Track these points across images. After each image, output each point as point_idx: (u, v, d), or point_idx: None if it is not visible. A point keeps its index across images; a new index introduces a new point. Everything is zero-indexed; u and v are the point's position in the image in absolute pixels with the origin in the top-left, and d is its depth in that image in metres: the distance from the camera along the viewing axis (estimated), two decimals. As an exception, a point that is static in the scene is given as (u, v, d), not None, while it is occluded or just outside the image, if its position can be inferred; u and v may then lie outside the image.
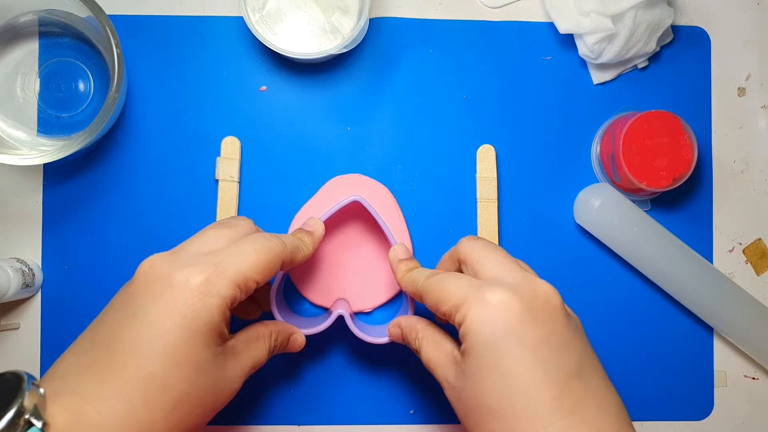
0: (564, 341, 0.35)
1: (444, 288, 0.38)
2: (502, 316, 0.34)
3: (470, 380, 0.35)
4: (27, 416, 0.30)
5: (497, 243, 0.51)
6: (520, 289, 0.36)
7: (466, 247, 0.41)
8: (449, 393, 0.37)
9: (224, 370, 0.37)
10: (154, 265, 0.36)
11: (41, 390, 0.32)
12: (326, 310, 0.50)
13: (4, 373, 0.33)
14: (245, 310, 0.46)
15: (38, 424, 0.30)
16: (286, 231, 0.50)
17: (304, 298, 0.51)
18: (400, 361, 0.51)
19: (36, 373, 0.50)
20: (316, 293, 0.50)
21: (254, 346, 0.40)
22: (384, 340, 0.45)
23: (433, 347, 0.39)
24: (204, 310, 0.35)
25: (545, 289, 0.36)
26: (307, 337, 0.45)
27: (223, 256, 0.37)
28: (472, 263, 0.39)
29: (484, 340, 0.34)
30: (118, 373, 0.33)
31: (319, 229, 0.46)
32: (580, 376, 0.34)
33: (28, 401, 0.31)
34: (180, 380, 0.34)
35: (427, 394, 0.51)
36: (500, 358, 0.34)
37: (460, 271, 0.42)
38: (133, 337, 0.34)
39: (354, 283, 0.50)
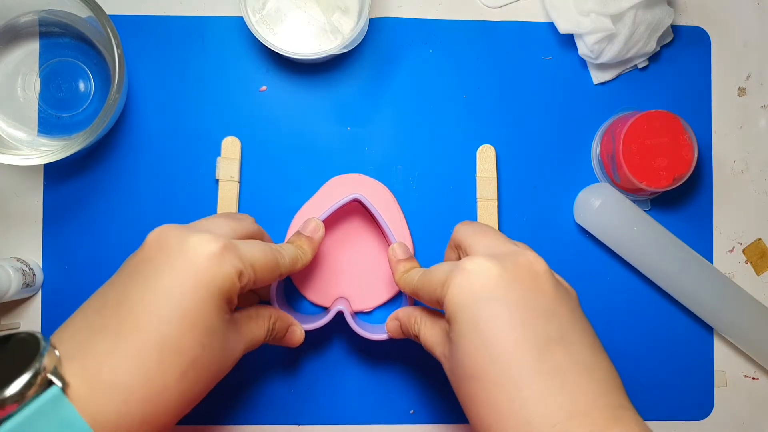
0: (547, 307, 0.34)
1: (432, 278, 0.38)
2: (479, 280, 0.35)
3: (455, 347, 0.35)
4: (47, 375, 0.30)
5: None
6: (503, 258, 0.36)
7: (459, 232, 0.42)
8: (446, 369, 0.37)
9: (229, 340, 0.37)
10: (165, 231, 0.36)
11: (57, 352, 0.32)
12: (326, 310, 0.50)
13: (18, 333, 0.32)
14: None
15: (59, 383, 0.30)
16: (285, 231, 0.50)
17: (304, 298, 0.51)
18: (400, 361, 0.51)
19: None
20: (316, 293, 0.50)
21: (254, 323, 0.41)
22: (383, 336, 0.45)
23: (430, 328, 0.40)
24: (219, 276, 0.35)
25: (528, 256, 0.36)
26: (307, 334, 0.45)
27: (236, 243, 0.38)
28: (465, 247, 0.40)
29: (461, 302, 0.35)
30: (132, 335, 0.33)
31: (319, 232, 0.46)
32: (563, 341, 0.33)
33: (47, 361, 0.30)
34: (193, 343, 0.34)
35: (427, 394, 0.51)
36: (477, 318, 0.34)
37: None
38: (146, 299, 0.34)
39: (354, 282, 0.50)
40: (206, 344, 0.35)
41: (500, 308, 0.34)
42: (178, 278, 0.34)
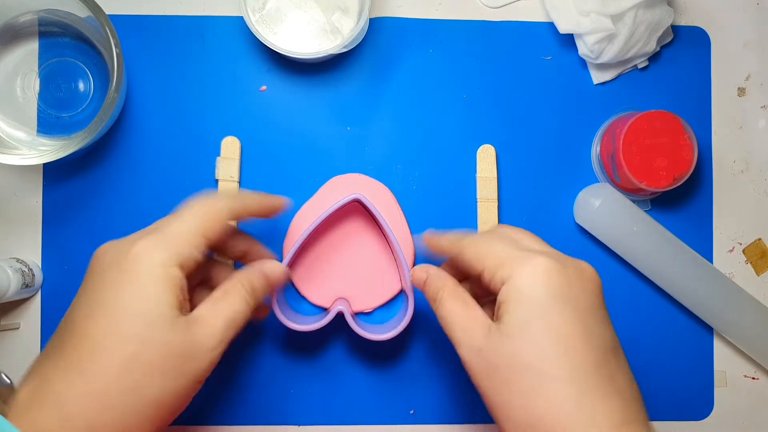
0: (604, 318, 0.35)
1: (486, 245, 0.37)
2: (551, 279, 0.34)
3: (509, 338, 0.34)
4: None
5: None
6: (566, 263, 0.36)
7: (480, 243, 0.39)
8: (470, 354, 0.36)
9: (186, 333, 0.35)
10: (105, 245, 0.38)
11: (3, 377, 0.35)
12: (326, 311, 0.50)
13: None
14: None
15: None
16: (285, 231, 0.50)
17: (304, 299, 0.51)
18: (401, 361, 0.51)
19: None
20: (316, 293, 0.50)
21: (222, 304, 0.38)
22: (383, 336, 0.45)
23: (461, 306, 0.37)
24: (146, 267, 0.35)
25: (590, 267, 0.37)
26: (307, 335, 0.45)
27: (160, 222, 0.38)
28: (507, 247, 0.37)
29: (531, 296, 0.34)
30: (69, 345, 0.34)
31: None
32: (615, 351, 0.35)
33: None
34: (126, 338, 0.33)
35: (427, 394, 0.51)
36: (547, 316, 0.34)
37: (462, 280, 0.42)
38: (81, 309, 0.35)
39: (354, 283, 0.50)
40: (143, 340, 0.34)
41: (571, 313, 0.34)
42: (101, 286, 0.35)
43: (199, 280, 0.43)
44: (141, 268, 0.35)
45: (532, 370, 0.33)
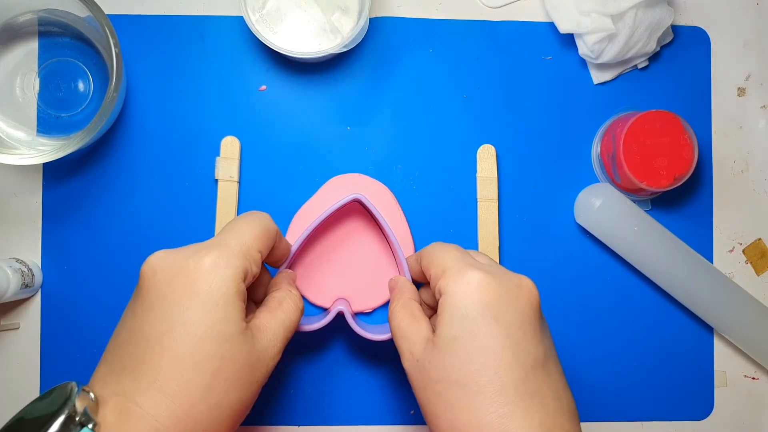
0: (536, 332, 0.36)
1: (437, 254, 0.40)
2: (482, 295, 0.36)
3: (440, 352, 0.36)
4: (78, 418, 0.32)
5: (497, 243, 0.51)
6: (503, 278, 0.37)
7: (437, 252, 0.41)
8: (411, 365, 0.38)
9: (253, 344, 0.37)
10: (160, 256, 0.37)
11: (91, 395, 0.34)
12: (326, 311, 0.50)
13: (60, 385, 0.34)
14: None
15: (89, 425, 0.32)
16: (285, 231, 0.50)
17: (304, 298, 0.50)
18: (400, 362, 0.51)
19: (35, 373, 0.50)
20: (316, 293, 0.50)
21: (279, 312, 0.40)
22: (383, 336, 0.45)
23: (409, 318, 0.40)
24: (217, 283, 0.35)
25: (527, 282, 0.38)
26: (307, 335, 0.45)
27: (221, 237, 0.38)
28: (456, 261, 0.39)
29: (462, 311, 0.36)
30: (149, 365, 0.34)
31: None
32: (545, 367, 0.36)
33: (78, 404, 0.32)
34: (208, 356, 0.34)
35: (427, 394, 0.51)
36: (475, 331, 0.35)
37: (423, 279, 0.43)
38: (155, 327, 0.35)
39: (354, 283, 0.50)
40: (224, 354, 0.35)
41: (499, 328, 0.35)
42: (180, 298, 0.35)
43: None
44: (213, 285, 0.35)
45: (458, 384, 0.35)
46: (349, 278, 0.50)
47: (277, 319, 0.39)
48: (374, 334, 0.46)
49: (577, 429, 0.36)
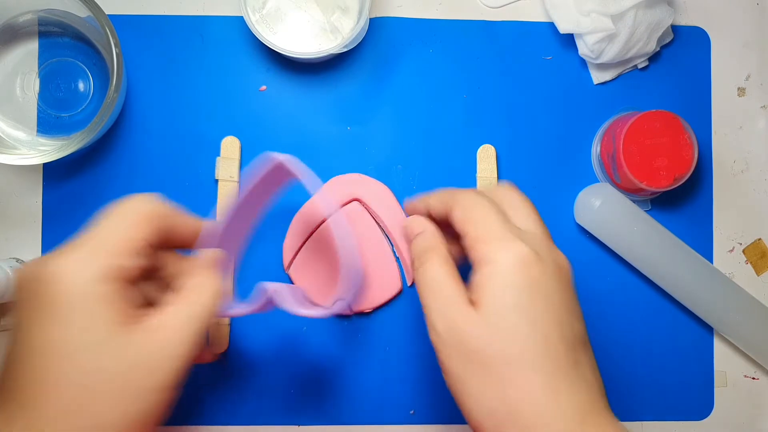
0: (575, 309, 0.36)
1: (475, 211, 0.36)
2: (530, 270, 0.34)
3: (483, 322, 0.34)
4: None
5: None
6: (548, 254, 0.36)
7: (475, 205, 0.37)
8: (444, 328, 0.35)
9: (141, 347, 0.33)
10: (24, 267, 0.34)
11: None
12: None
13: None
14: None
15: None
16: (285, 231, 0.50)
17: (304, 298, 0.51)
18: (400, 361, 0.51)
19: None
20: (316, 293, 0.50)
21: (180, 303, 0.35)
22: (314, 313, 0.40)
23: (448, 278, 0.36)
24: (77, 289, 0.32)
25: (566, 260, 0.37)
26: (307, 335, 0.45)
27: (83, 233, 0.34)
28: (499, 217, 0.36)
29: (510, 285, 0.34)
30: (11, 396, 0.32)
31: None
32: (584, 344, 0.36)
33: None
34: (79, 372, 0.31)
35: (427, 394, 0.51)
36: (522, 305, 0.34)
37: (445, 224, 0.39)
38: (22, 348, 0.32)
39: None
40: (101, 367, 0.31)
41: (547, 302, 0.34)
42: (43, 319, 0.32)
43: (149, 272, 0.38)
44: (72, 291, 0.31)
45: (504, 357, 0.33)
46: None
47: (180, 312, 0.34)
48: (306, 309, 0.40)
49: (610, 409, 0.35)
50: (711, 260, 0.53)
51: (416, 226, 0.39)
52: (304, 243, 0.50)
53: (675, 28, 0.53)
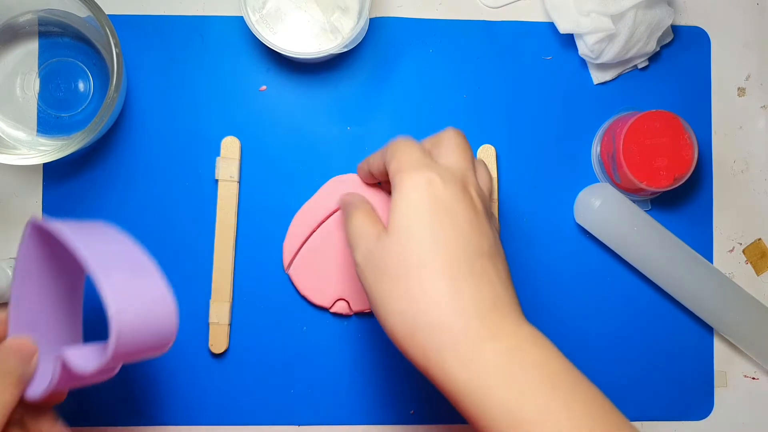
0: (482, 227, 0.38)
1: (400, 149, 0.40)
2: (434, 190, 0.37)
3: (393, 238, 0.37)
4: None
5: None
6: (455, 179, 0.38)
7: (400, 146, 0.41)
8: (364, 257, 0.39)
9: None
10: None
11: None
12: (326, 310, 0.50)
13: None
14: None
15: None
16: (285, 231, 0.50)
17: (305, 298, 0.50)
18: (400, 361, 0.51)
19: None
20: (316, 293, 0.50)
21: None
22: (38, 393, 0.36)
23: (364, 217, 0.40)
24: None
25: (481, 188, 0.40)
26: (307, 335, 0.45)
27: None
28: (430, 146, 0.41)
29: (414, 204, 0.37)
30: None
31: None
32: (492, 258, 0.38)
33: None
34: None
35: (427, 394, 0.51)
36: (425, 221, 0.37)
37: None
38: None
39: (354, 283, 0.50)
40: None
41: (449, 219, 0.37)
42: None
43: None
44: None
45: (411, 264, 0.36)
46: (349, 278, 0.50)
47: None
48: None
49: (521, 311, 0.38)
50: (711, 260, 0.53)
51: (345, 197, 0.45)
52: (303, 243, 0.50)
53: (675, 28, 0.53)
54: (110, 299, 0.32)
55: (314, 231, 0.50)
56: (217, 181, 0.50)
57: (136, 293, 0.33)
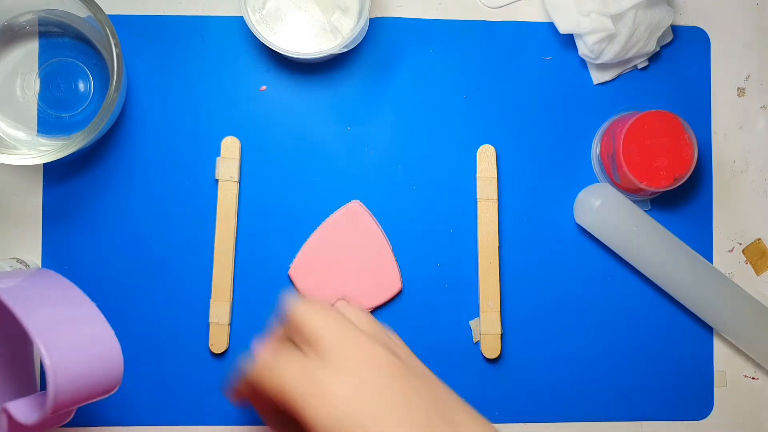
0: (409, 401, 0.36)
1: (276, 374, 0.36)
2: (342, 406, 0.34)
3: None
4: None
5: (497, 243, 0.51)
6: (364, 367, 0.36)
7: (303, 317, 0.38)
8: None
9: None
10: None
11: None
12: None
13: None
14: None
15: None
16: (284, 231, 0.50)
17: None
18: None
19: (35, 373, 0.50)
20: (316, 293, 0.50)
21: None
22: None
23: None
24: None
25: (384, 352, 0.37)
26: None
27: None
28: (318, 340, 0.37)
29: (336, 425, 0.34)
30: None
31: None
32: (438, 412, 0.36)
33: None
34: None
35: (427, 394, 0.51)
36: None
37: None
38: None
39: (354, 283, 0.50)
40: None
41: (384, 410, 0.35)
42: None
43: None
44: None
45: None
46: (349, 278, 0.50)
47: None
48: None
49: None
50: (711, 260, 0.53)
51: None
52: (304, 244, 0.50)
53: (675, 28, 0.53)
54: (46, 356, 0.32)
55: (314, 231, 0.50)
56: (217, 181, 0.50)
57: (74, 345, 0.34)
